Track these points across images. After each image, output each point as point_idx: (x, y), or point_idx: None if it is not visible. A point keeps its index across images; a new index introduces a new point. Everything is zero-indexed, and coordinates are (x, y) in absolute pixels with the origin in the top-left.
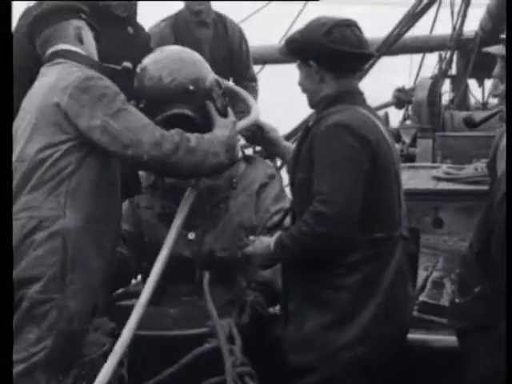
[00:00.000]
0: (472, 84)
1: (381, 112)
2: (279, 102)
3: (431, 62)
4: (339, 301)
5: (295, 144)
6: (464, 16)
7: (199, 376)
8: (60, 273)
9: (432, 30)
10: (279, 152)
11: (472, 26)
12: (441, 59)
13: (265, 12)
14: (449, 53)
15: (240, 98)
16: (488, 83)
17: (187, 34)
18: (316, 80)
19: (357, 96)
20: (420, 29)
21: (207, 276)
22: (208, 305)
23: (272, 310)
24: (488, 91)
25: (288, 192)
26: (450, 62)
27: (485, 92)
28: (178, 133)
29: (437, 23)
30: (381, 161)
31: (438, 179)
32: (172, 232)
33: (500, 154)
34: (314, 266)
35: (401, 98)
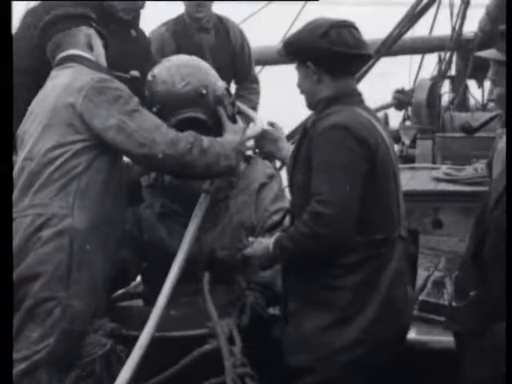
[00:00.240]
0: (472, 85)
1: (380, 113)
2: (278, 103)
3: (431, 63)
4: (338, 302)
5: (293, 145)
6: (463, 17)
7: (199, 377)
8: (65, 271)
9: (431, 31)
10: (280, 153)
11: (471, 27)
12: (440, 60)
13: (264, 13)
14: (448, 54)
15: (242, 113)
16: (488, 84)
17: (188, 40)
18: (314, 81)
19: (355, 97)
20: (419, 30)
21: (207, 276)
22: (208, 305)
23: (272, 311)
24: (488, 92)
25: (288, 193)
26: (450, 63)
27: (484, 93)
28: (192, 134)
29: (436, 24)
30: (379, 162)
31: (438, 180)
32: (187, 236)
33: (495, 156)
34: (313, 267)
35: (400, 100)
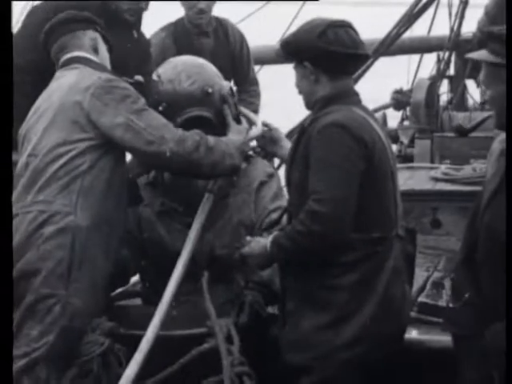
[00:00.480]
0: (470, 85)
1: (379, 113)
2: (277, 104)
3: (429, 63)
4: (336, 301)
5: (291, 144)
6: (462, 17)
7: (198, 376)
8: (66, 269)
9: (430, 31)
10: (280, 152)
11: (470, 27)
12: (439, 60)
13: (263, 12)
14: (447, 53)
15: (244, 116)
16: None
17: (188, 44)
18: (311, 81)
19: (352, 96)
20: (418, 29)
21: (206, 275)
22: (206, 304)
23: (271, 310)
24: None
25: (286, 191)
26: (448, 63)
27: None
28: (197, 133)
29: (435, 24)
30: (376, 161)
31: (436, 180)
32: (192, 235)
33: (488, 157)
34: (311, 266)
35: (399, 100)
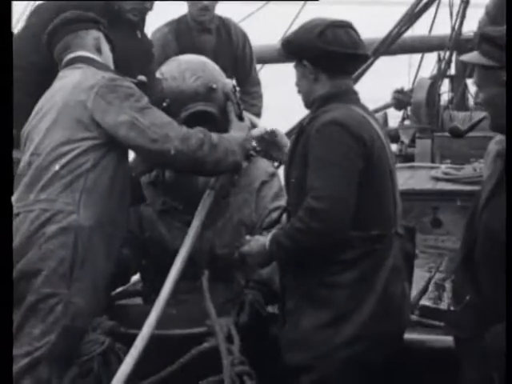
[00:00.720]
0: (471, 84)
1: (380, 113)
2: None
3: (430, 63)
4: (335, 299)
5: (290, 143)
6: (463, 16)
7: (198, 375)
8: (68, 268)
9: (431, 31)
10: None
11: (471, 27)
12: (440, 59)
13: (263, 12)
14: (448, 53)
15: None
16: None
17: (190, 41)
18: (310, 80)
19: (351, 95)
20: (419, 29)
21: (206, 274)
22: (207, 303)
23: (271, 309)
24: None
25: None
26: (449, 63)
27: None
28: (201, 130)
29: (436, 23)
30: (375, 159)
31: (437, 179)
32: (191, 232)
33: (485, 158)
34: (310, 264)
35: (400, 100)
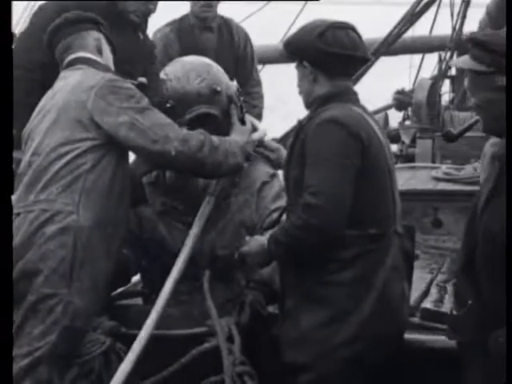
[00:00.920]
0: None
1: (381, 114)
2: (275, 104)
3: (431, 63)
4: (335, 297)
5: (289, 143)
6: (464, 17)
7: (199, 375)
8: (68, 269)
9: (432, 31)
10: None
11: (472, 27)
12: (440, 60)
13: (264, 12)
14: (448, 53)
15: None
16: None
17: (192, 40)
18: (310, 81)
19: (350, 95)
20: (420, 29)
21: (207, 275)
22: (207, 304)
23: (271, 309)
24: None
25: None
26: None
27: None
28: (201, 132)
29: (436, 24)
30: (372, 157)
31: (438, 180)
32: (191, 237)
33: (482, 159)
34: (309, 263)
35: (401, 100)
